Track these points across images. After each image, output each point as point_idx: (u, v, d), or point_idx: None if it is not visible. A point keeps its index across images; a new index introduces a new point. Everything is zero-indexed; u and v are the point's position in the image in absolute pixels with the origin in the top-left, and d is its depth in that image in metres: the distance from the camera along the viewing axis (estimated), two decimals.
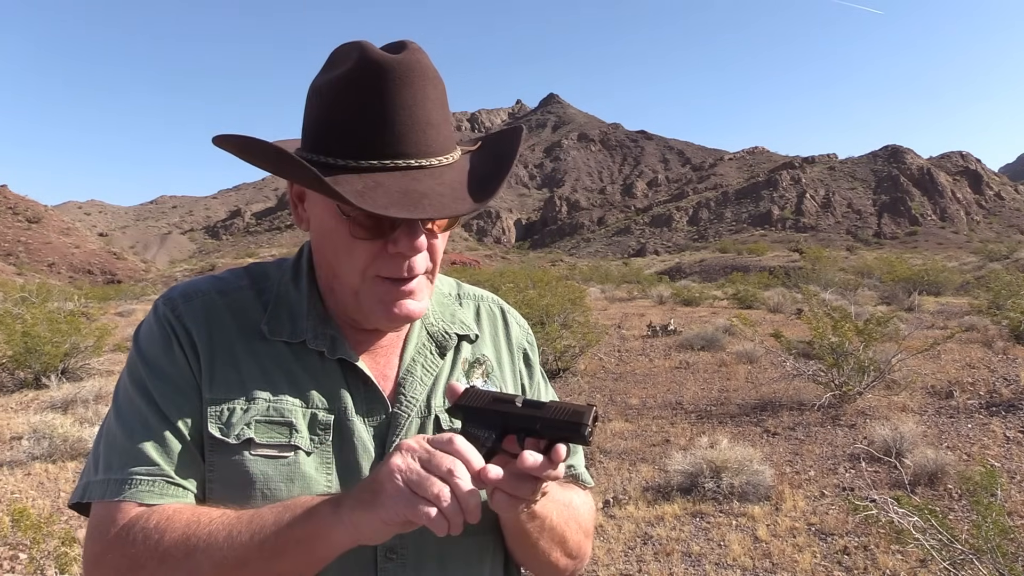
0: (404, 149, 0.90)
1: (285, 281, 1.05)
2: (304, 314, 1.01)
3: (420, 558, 0.97)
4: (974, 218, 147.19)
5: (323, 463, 0.95)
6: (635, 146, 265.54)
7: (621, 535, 5.05)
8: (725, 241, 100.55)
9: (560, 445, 0.82)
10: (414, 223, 0.92)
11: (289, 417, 0.95)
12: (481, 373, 1.11)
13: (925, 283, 23.78)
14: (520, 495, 0.86)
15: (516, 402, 0.87)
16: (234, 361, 0.97)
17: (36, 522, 3.75)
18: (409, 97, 0.90)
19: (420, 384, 1.04)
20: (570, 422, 0.82)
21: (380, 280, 0.95)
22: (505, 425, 0.86)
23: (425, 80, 0.92)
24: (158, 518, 0.87)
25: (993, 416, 7.39)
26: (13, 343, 10.46)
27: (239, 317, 1.00)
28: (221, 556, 0.84)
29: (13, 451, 7.04)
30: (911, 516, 3.64)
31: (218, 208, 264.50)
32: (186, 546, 0.85)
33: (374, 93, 0.89)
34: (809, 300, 10.89)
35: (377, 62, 0.89)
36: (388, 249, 0.93)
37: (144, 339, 1.00)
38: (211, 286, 1.04)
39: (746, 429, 7.53)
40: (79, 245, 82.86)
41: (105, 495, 0.90)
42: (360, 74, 0.89)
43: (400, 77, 0.89)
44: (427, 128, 0.92)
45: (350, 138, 0.90)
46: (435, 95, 0.93)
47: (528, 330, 1.25)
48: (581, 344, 11.22)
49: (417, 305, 0.98)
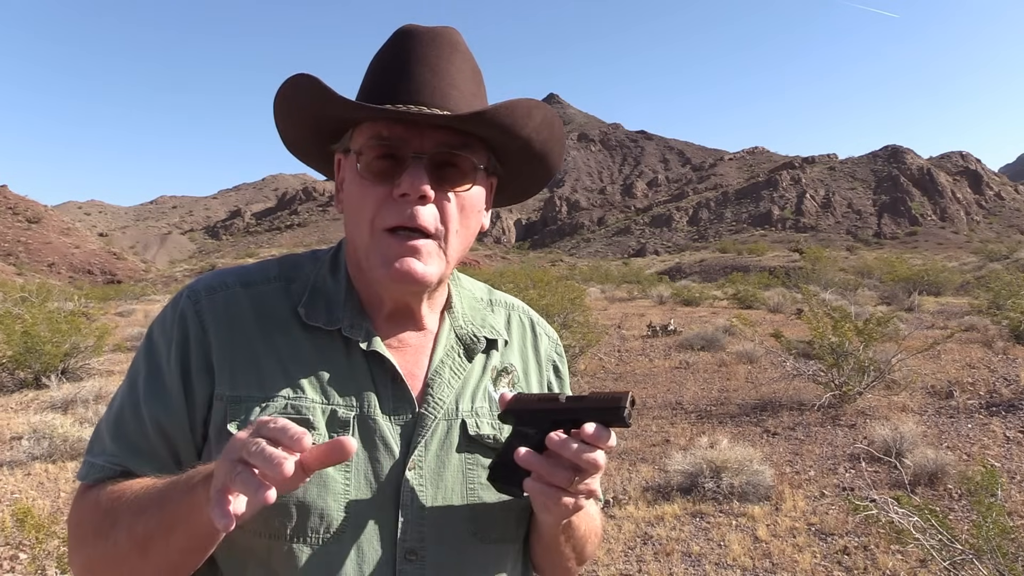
0: (420, 99, 0.94)
1: (323, 272, 1.05)
2: (341, 303, 1.01)
3: (439, 561, 0.96)
4: (974, 218, 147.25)
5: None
6: (635, 146, 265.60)
7: (621, 535, 5.05)
8: (725, 241, 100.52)
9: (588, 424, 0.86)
10: (419, 166, 0.93)
11: (307, 415, 0.94)
12: (508, 382, 1.10)
13: (925, 283, 23.79)
14: (555, 482, 0.87)
15: (560, 398, 0.93)
16: (254, 357, 0.97)
17: (38, 522, 3.75)
18: (433, 56, 0.96)
19: (448, 386, 1.03)
20: (609, 407, 0.88)
21: (386, 235, 0.94)
22: (553, 420, 0.91)
23: (453, 50, 0.98)
24: (100, 491, 0.93)
25: (993, 416, 7.40)
26: (13, 343, 10.45)
27: (262, 311, 1.00)
28: (132, 530, 0.86)
29: (13, 451, 7.04)
30: (911, 516, 3.64)
31: (218, 208, 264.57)
32: (112, 517, 0.89)
33: (401, 48, 0.97)
34: (809, 300, 10.86)
35: (410, 29, 0.99)
36: (394, 194, 0.94)
37: (156, 329, 1.01)
38: (236, 279, 1.03)
39: (746, 429, 7.54)
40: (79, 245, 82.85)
41: (83, 477, 0.97)
42: (396, 38, 0.99)
43: (428, 40, 0.97)
44: (449, 89, 0.96)
45: (375, 84, 0.97)
46: (463, 66, 0.99)
47: (557, 341, 1.24)
48: (581, 344, 11.22)
49: (421, 267, 0.95)
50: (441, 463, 0.99)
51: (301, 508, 0.91)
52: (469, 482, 0.99)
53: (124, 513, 0.88)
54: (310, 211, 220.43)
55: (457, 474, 0.99)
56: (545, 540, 1.04)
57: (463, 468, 1.00)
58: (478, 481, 1.00)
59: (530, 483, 0.88)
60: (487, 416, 1.04)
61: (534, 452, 0.87)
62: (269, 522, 0.91)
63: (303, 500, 0.91)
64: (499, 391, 1.07)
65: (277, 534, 0.91)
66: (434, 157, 0.94)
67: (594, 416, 0.87)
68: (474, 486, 1.00)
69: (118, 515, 0.88)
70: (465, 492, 0.99)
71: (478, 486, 1.00)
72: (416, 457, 0.97)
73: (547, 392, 1.04)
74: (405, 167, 0.93)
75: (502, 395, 0.97)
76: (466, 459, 1.00)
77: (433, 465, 0.98)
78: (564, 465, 0.86)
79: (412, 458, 0.96)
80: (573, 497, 0.89)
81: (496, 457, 0.97)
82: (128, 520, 0.87)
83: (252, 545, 0.92)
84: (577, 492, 0.89)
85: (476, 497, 0.99)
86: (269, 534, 0.91)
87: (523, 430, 0.93)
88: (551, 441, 0.86)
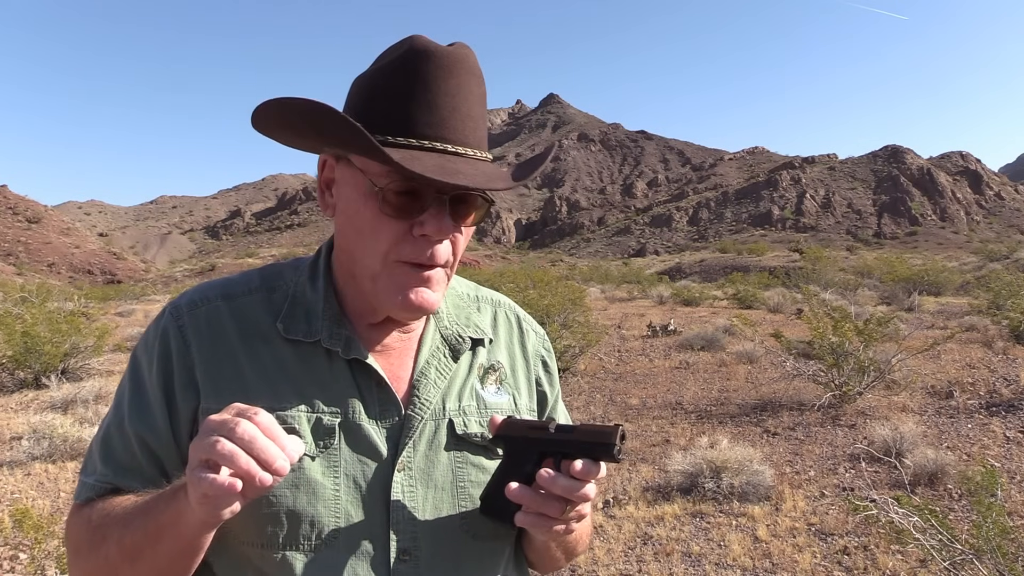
0: (443, 134, 0.92)
1: (302, 281, 1.05)
2: (320, 314, 1.01)
3: (434, 561, 0.96)
4: (974, 218, 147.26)
5: (330, 467, 0.94)
6: (635, 146, 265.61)
7: (621, 535, 5.05)
8: (725, 241, 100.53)
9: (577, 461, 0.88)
10: (442, 207, 0.92)
11: (292, 423, 0.94)
12: (495, 380, 1.11)
13: (925, 283, 23.79)
14: (549, 513, 0.89)
15: (550, 428, 0.93)
16: (238, 370, 0.97)
17: (37, 522, 3.75)
18: (454, 86, 0.93)
19: (434, 386, 1.03)
20: (599, 443, 0.88)
21: (401, 265, 0.94)
22: (542, 451, 0.92)
23: (471, 75, 0.95)
24: (93, 507, 0.96)
25: (993, 416, 7.40)
26: (13, 343, 10.45)
27: (243, 323, 1.01)
28: (121, 543, 0.89)
29: (13, 451, 7.03)
30: (911, 516, 3.64)
31: (218, 208, 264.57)
32: (102, 532, 0.91)
33: (421, 76, 0.92)
34: (809, 300, 10.87)
35: (427, 49, 0.92)
36: (414, 231, 0.93)
37: (139, 347, 1.03)
38: (218, 292, 1.04)
39: (746, 429, 7.54)
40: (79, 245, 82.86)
41: (76, 497, 1.00)
42: (411, 58, 0.92)
43: (448, 66, 0.92)
44: (467, 120, 0.94)
45: (394, 114, 0.91)
46: (478, 92, 0.96)
47: (544, 337, 1.24)
48: (581, 344, 11.22)
49: (434, 296, 0.97)
50: (430, 463, 0.99)
51: (292, 516, 0.91)
52: (459, 480, 1.00)
53: (113, 527, 0.90)
54: (310, 211, 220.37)
55: (447, 473, 1.00)
56: (537, 547, 1.08)
57: (452, 467, 1.01)
58: (468, 479, 1.01)
59: (521, 516, 0.91)
60: (475, 414, 1.05)
61: (525, 487, 0.89)
62: (261, 531, 0.91)
63: (293, 508, 0.91)
64: (486, 388, 1.08)
65: (269, 543, 0.91)
66: (454, 196, 0.94)
67: (584, 450, 0.88)
68: (464, 484, 1.00)
69: (107, 530, 0.91)
70: (456, 490, 1.00)
71: (468, 484, 1.00)
72: (405, 458, 0.97)
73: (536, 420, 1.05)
74: (426, 205, 0.92)
75: (492, 419, 0.99)
76: (455, 457, 1.01)
77: (422, 465, 0.98)
78: (554, 498, 0.89)
79: (401, 459, 0.97)
80: (563, 524, 0.91)
81: (486, 488, 0.98)
82: (117, 533, 0.89)
83: (247, 554, 0.93)
84: (567, 520, 0.91)
85: (467, 495, 1.00)
86: (261, 543, 0.91)
87: (512, 461, 0.94)
88: (541, 478, 0.88)
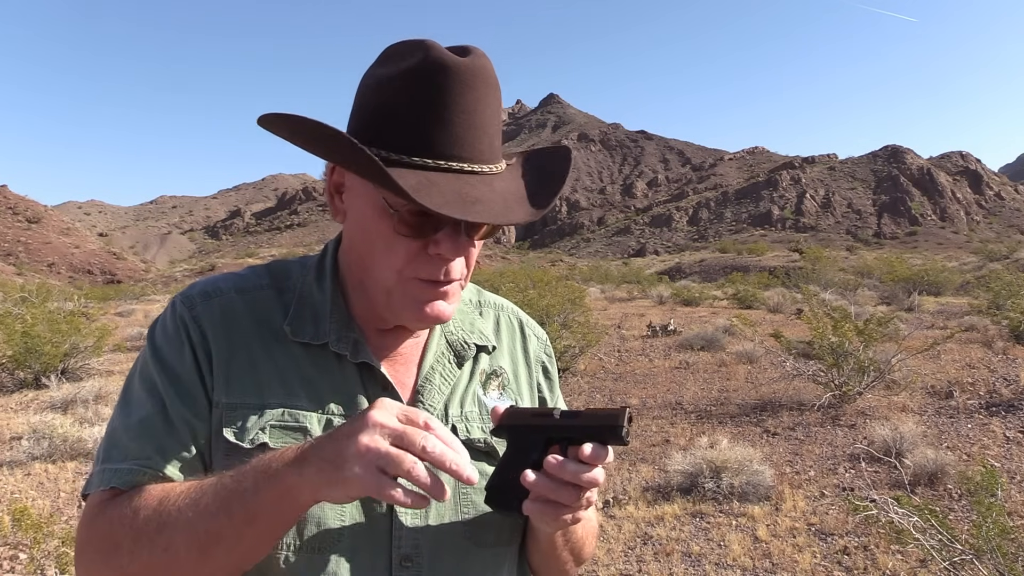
0: (459, 152, 0.89)
1: (309, 281, 1.04)
2: (327, 315, 1.00)
3: (435, 568, 0.96)
4: (974, 218, 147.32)
5: None
6: (635, 146, 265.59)
7: (621, 535, 5.05)
8: (725, 241, 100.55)
9: (586, 445, 0.86)
10: (458, 227, 0.91)
11: (304, 422, 0.94)
12: (497, 385, 1.10)
13: (925, 283, 23.79)
14: (561, 500, 0.87)
15: (555, 414, 0.91)
16: (251, 364, 0.96)
17: (37, 522, 3.75)
18: (471, 101, 0.89)
19: (438, 392, 1.03)
20: (606, 426, 0.87)
21: (415, 281, 0.94)
22: (548, 437, 0.90)
23: (488, 87, 0.91)
24: (134, 498, 0.88)
25: (993, 416, 7.40)
26: (13, 343, 10.45)
27: (257, 318, 1.00)
28: (192, 531, 0.83)
29: (13, 451, 7.04)
30: (911, 516, 3.64)
31: (218, 208, 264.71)
32: (158, 521, 0.84)
33: (438, 92, 0.88)
34: (809, 300, 10.88)
35: (444, 62, 0.88)
36: (429, 250, 0.92)
37: (159, 336, 0.99)
38: (231, 285, 1.02)
39: (746, 429, 7.54)
40: (79, 245, 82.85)
41: (101, 484, 0.91)
42: (427, 71, 0.88)
43: (466, 81, 0.89)
44: (482, 135, 0.91)
45: (408, 133, 0.88)
46: (494, 104, 0.93)
47: (546, 342, 1.24)
48: (581, 344, 11.22)
49: (448, 308, 0.97)
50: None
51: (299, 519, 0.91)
52: (462, 488, 0.99)
53: (178, 515, 0.84)
54: (310, 211, 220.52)
55: (449, 479, 0.99)
56: (543, 547, 1.04)
57: None
58: (472, 487, 0.99)
59: (529, 504, 0.88)
60: (477, 420, 1.04)
61: (542, 474, 0.87)
62: None
63: None
64: (489, 394, 1.07)
65: (275, 545, 0.90)
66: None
67: (591, 434, 0.87)
68: (467, 491, 0.99)
69: (167, 519, 0.84)
70: (458, 497, 0.99)
71: (471, 491, 0.99)
72: None
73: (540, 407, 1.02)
74: (441, 225, 0.91)
75: (494, 409, 0.96)
76: None
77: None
78: (563, 485, 0.87)
79: None
80: (572, 512, 0.89)
81: (491, 479, 0.96)
82: (187, 520, 0.83)
83: None
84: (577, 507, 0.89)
85: (470, 502, 0.99)
86: None
87: (517, 450, 0.92)
88: (549, 465, 0.86)
